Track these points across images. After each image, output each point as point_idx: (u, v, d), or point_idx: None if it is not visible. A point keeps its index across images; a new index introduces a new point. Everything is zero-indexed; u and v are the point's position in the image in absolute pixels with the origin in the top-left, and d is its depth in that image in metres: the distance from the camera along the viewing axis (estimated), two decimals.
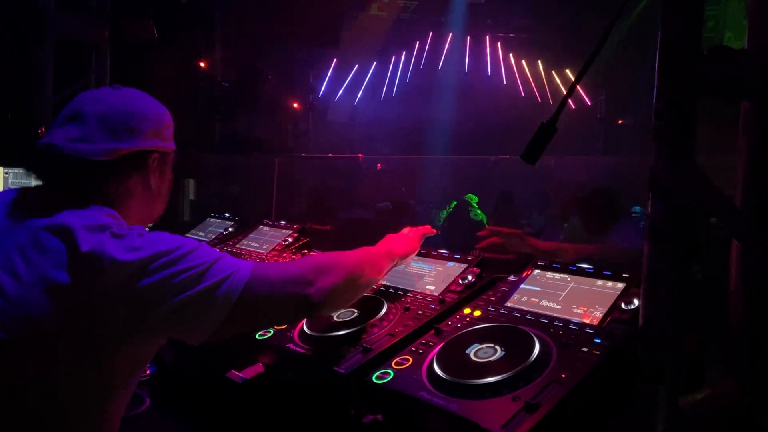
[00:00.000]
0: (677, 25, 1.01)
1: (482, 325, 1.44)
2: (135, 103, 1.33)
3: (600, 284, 1.48)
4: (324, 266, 1.32)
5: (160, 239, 1.15)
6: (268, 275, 1.24)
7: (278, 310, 1.29)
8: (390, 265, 1.61)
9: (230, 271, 1.17)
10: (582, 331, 1.33)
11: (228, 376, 1.55)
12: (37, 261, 1.11)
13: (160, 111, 1.37)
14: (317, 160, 3.58)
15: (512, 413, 1.11)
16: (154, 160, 1.33)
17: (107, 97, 1.30)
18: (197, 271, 1.13)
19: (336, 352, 1.47)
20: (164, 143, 1.36)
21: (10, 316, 1.08)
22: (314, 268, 1.30)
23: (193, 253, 1.15)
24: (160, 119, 1.35)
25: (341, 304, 1.45)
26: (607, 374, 1.22)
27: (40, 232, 1.13)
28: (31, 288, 1.08)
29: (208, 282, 1.14)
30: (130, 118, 1.28)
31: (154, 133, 1.32)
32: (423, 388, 1.25)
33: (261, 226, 2.63)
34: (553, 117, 1.14)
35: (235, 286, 1.16)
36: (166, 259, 1.12)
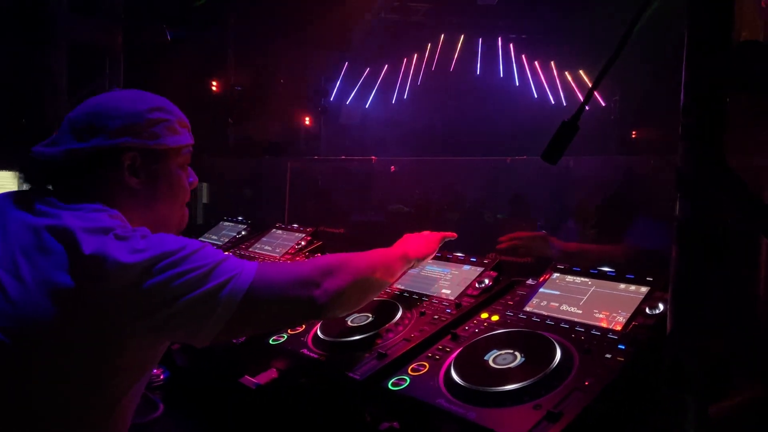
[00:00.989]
0: (705, 17, 0.97)
1: (501, 330, 1.41)
2: (110, 102, 1.28)
3: (623, 288, 1.44)
4: (331, 267, 1.29)
5: (164, 241, 1.13)
6: (273, 276, 1.21)
7: (283, 312, 1.25)
8: (405, 268, 1.57)
9: (234, 273, 1.15)
10: (605, 337, 1.29)
11: (241, 381, 1.53)
12: (40, 263, 1.09)
13: (141, 107, 1.27)
14: (330, 163, 3.57)
15: (534, 422, 1.07)
16: (128, 159, 1.24)
17: (90, 101, 1.30)
18: (201, 272, 1.11)
19: (350, 357, 1.44)
20: (143, 141, 1.25)
21: (14, 320, 1.06)
22: (320, 269, 1.27)
23: (196, 254, 1.13)
24: (139, 116, 1.26)
25: (349, 306, 1.40)
26: (632, 381, 1.19)
27: (44, 234, 1.12)
28: (35, 291, 1.07)
29: (212, 283, 1.12)
30: (94, 117, 1.25)
31: (126, 129, 1.24)
32: (440, 395, 1.22)
33: (274, 229, 2.61)
34: (575, 115, 1.10)
35: (239, 287, 1.14)
36: (170, 260, 1.10)
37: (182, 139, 1.34)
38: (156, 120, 1.28)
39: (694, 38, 0.98)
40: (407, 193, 2.87)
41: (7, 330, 1.06)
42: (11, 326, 1.06)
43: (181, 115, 1.35)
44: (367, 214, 3.27)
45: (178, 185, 1.35)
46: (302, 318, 1.39)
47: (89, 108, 1.27)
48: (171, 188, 1.34)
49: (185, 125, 1.36)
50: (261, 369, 1.57)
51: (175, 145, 1.32)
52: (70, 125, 1.26)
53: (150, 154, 1.28)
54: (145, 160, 1.27)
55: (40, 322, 1.06)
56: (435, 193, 2.82)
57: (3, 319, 1.06)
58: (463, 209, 3.12)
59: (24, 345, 1.06)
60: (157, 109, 1.30)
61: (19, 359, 1.07)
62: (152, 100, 1.31)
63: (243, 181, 3.72)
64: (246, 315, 1.15)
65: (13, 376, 1.07)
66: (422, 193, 2.86)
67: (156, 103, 1.30)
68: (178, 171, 1.35)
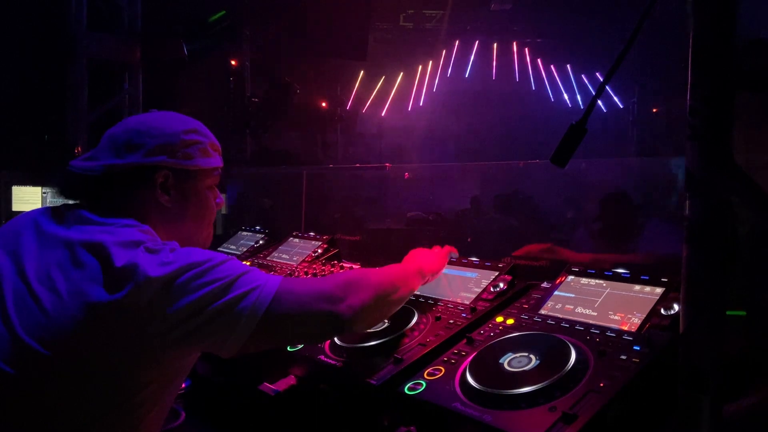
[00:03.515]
0: (710, 17, 0.97)
1: (516, 333, 1.41)
2: (149, 121, 1.33)
3: (637, 289, 1.44)
4: (354, 283, 1.29)
5: (192, 253, 1.17)
6: (297, 291, 1.22)
7: (307, 327, 1.25)
8: (420, 283, 1.59)
9: (257, 285, 1.16)
10: (620, 338, 1.29)
11: (260, 388, 1.55)
12: (74, 276, 1.13)
13: (178, 128, 1.33)
14: (345, 171, 3.59)
15: (549, 424, 1.08)
16: (161, 177, 1.30)
17: (130, 119, 1.38)
18: (224, 282, 1.14)
19: (367, 363, 1.46)
20: (177, 161, 1.31)
21: (49, 331, 1.09)
22: (344, 285, 1.27)
23: (222, 266, 1.16)
24: (176, 136, 1.32)
25: (372, 321, 1.42)
26: (648, 382, 1.18)
27: (77, 249, 1.16)
28: (69, 303, 1.10)
29: (234, 294, 1.14)
30: (134, 134, 1.30)
31: (162, 149, 1.29)
32: (456, 399, 1.23)
33: (291, 238, 2.63)
34: (583, 117, 1.11)
35: (261, 300, 1.15)
36: (196, 270, 1.13)
37: (213, 161, 1.39)
38: (191, 141, 1.34)
39: (698, 38, 0.99)
40: (423, 200, 2.88)
41: (44, 341, 1.09)
42: (47, 337, 1.09)
43: (213, 139, 1.41)
44: (384, 222, 3.28)
45: (206, 205, 1.40)
46: (326, 332, 1.37)
47: (129, 126, 1.33)
48: (200, 207, 1.39)
49: (217, 149, 1.42)
50: (279, 376, 1.58)
51: (207, 166, 1.37)
52: (109, 141, 1.31)
53: (182, 173, 1.33)
54: (178, 179, 1.32)
55: (74, 333, 1.09)
56: (450, 199, 2.82)
57: (39, 330, 1.10)
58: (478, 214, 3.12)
59: (60, 357, 1.09)
60: (193, 131, 1.35)
61: (55, 369, 1.09)
62: (189, 123, 1.36)
63: (260, 191, 3.76)
64: (270, 327, 1.17)
65: (49, 386, 1.10)
66: (438, 199, 2.87)
67: (192, 125, 1.36)
68: (207, 191, 1.40)
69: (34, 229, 1.25)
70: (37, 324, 1.10)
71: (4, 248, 1.23)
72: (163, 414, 1.30)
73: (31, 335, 1.09)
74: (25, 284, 1.15)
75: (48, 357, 1.08)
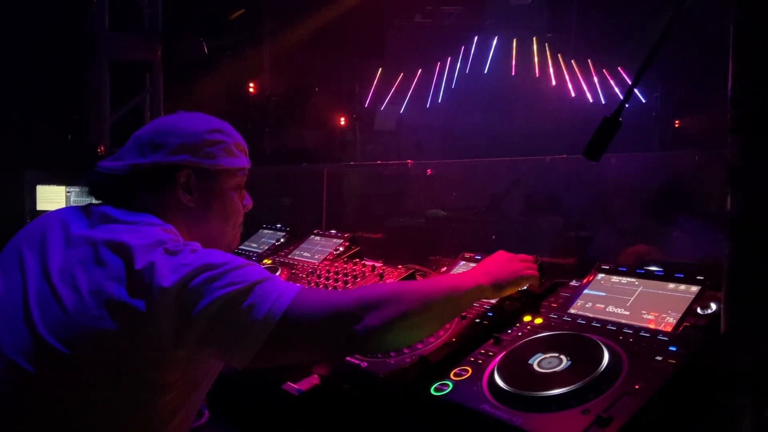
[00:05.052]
0: (752, 4, 0.93)
1: (545, 333, 1.37)
2: (173, 121, 1.34)
3: (671, 288, 1.39)
4: (377, 300, 1.18)
5: (211, 255, 1.15)
6: (311, 304, 1.15)
7: (319, 343, 1.18)
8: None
9: (274, 294, 1.12)
10: (654, 339, 1.24)
11: (284, 388, 1.54)
12: (96, 275, 1.12)
13: (201, 128, 1.32)
14: (366, 168, 3.58)
15: (582, 427, 1.04)
16: (183, 176, 1.29)
17: (156, 120, 1.40)
18: (240, 288, 1.10)
19: (392, 363, 1.43)
20: (199, 160, 1.30)
21: (70, 330, 1.09)
22: (363, 302, 1.17)
23: (239, 270, 1.13)
24: (198, 136, 1.31)
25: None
26: (685, 384, 1.14)
27: (101, 248, 1.15)
28: (89, 301, 1.10)
29: (249, 301, 1.10)
30: (157, 134, 1.31)
31: (185, 148, 1.29)
32: (485, 400, 1.19)
33: (312, 235, 2.62)
34: (617, 110, 1.07)
35: (276, 310, 1.11)
36: (211, 273, 1.10)
37: (238, 161, 1.37)
38: (214, 141, 1.33)
39: (739, 24, 0.95)
40: (445, 197, 2.85)
41: (64, 339, 1.09)
42: (67, 336, 1.09)
43: (239, 139, 1.39)
44: (404, 219, 3.26)
45: (230, 206, 1.38)
46: (340, 352, 1.30)
47: (154, 126, 1.35)
48: (224, 208, 1.37)
49: (242, 149, 1.40)
50: (303, 375, 1.57)
51: (231, 166, 1.35)
52: (135, 141, 1.32)
53: (205, 173, 1.32)
54: (200, 179, 1.31)
55: (93, 332, 1.08)
56: (473, 196, 2.79)
57: (59, 329, 1.09)
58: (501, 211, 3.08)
59: (79, 354, 1.08)
60: (217, 131, 1.34)
61: (73, 368, 1.09)
62: (212, 123, 1.35)
63: (281, 189, 3.76)
64: (282, 339, 1.12)
65: (67, 385, 1.10)
66: (460, 197, 2.83)
67: (215, 125, 1.35)
68: (232, 192, 1.38)
69: (61, 227, 1.24)
70: (58, 322, 1.10)
71: (30, 247, 1.24)
72: (188, 423, 1.28)
73: (51, 333, 1.09)
74: (48, 283, 1.14)
75: (67, 356, 1.08)
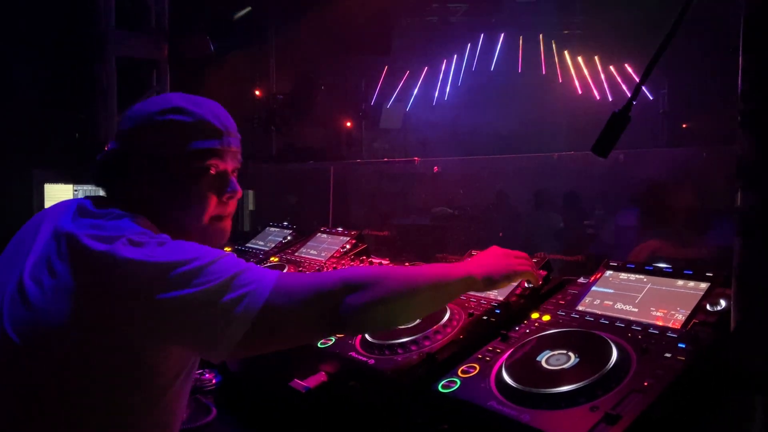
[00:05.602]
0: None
1: (553, 330, 1.37)
2: (138, 104, 1.27)
3: (680, 284, 1.38)
4: (361, 281, 1.15)
5: (181, 249, 1.10)
6: (292, 289, 1.12)
7: (302, 327, 1.15)
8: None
9: (251, 285, 1.08)
10: (663, 336, 1.24)
11: (291, 385, 1.53)
12: (58, 268, 1.11)
13: (152, 110, 1.22)
14: (373, 166, 3.58)
15: (591, 425, 1.03)
16: (134, 163, 1.22)
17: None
18: (215, 284, 1.06)
19: (399, 360, 1.43)
20: (156, 149, 1.21)
21: (31, 324, 1.08)
22: (346, 282, 1.14)
23: (213, 265, 1.08)
24: (147, 119, 1.22)
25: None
26: (694, 382, 1.13)
27: (63, 241, 1.13)
28: (51, 295, 1.08)
29: (227, 296, 1.06)
30: (121, 120, 1.27)
31: (134, 132, 1.22)
32: (492, 397, 1.19)
33: (318, 233, 2.62)
34: (626, 106, 1.06)
35: (255, 300, 1.07)
36: (183, 269, 1.06)
37: (201, 143, 1.22)
38: (164, 123, 1.21)
39: (750, 18, 0.94)
40: (452, 195, 2.85)
41: (23, 333, 1.08)
42: (26, 330, 1.08)
43: (207, 117, 1.24)
44: (411, 217, 3.26)
45: (196, 193, 1.24)
46: (322, 334, 1.27)
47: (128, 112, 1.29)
48: (186, 197, 1.24)
49: (211, 129, 1.24)
50: (310, 372, 1.57)
51: (190, 149, 1.21)
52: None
53: (155, 159, 1.21)
54: (153, 166, 1.22)
55: (54, 325, 1.06)
56: (480, 194, 2.78)
57: (21, 324, 1.09)
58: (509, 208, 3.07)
59: (37, 347, 1.07)
60: (171, 111, 1.21)
61: (33, 362, 1.07)
62: (170, 102, 1.23)
63: (287, 187, 3.77)
64: (263, 329, 1.09)
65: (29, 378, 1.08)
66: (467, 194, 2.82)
67: (173, 104, 1.22)
68: (197, 179, 1.24)
69: (53, 220, 1.22)
70: (21, 317, 1.09)
71: (25, 240, 1.23)
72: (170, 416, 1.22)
73: (14, 328, 1.08)
74: (21, 277, 1.14)
75: (24, 348, 1.07)
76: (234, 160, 1.30)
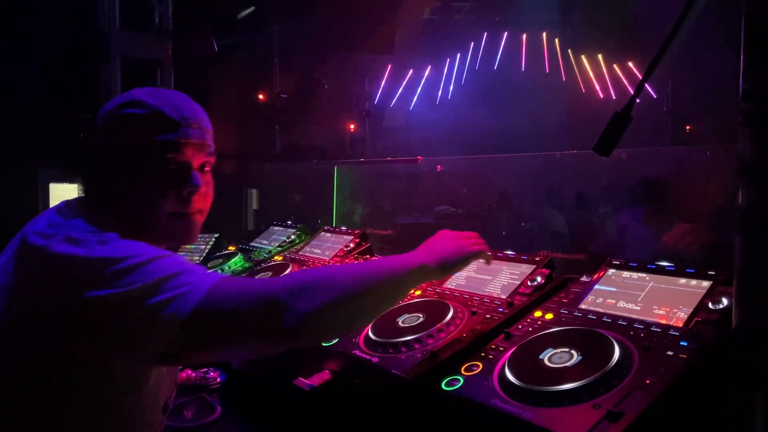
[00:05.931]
0: None
1: (556, 328, 1.38)
2: (108, 103, 1.24)
3: (683, 283, 1.39)
4: (307, 284, 1.07)
5: (121, 247, 1.06)
6: (230, 295, 1.04)
7: (241, 336, 1.06)
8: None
9: (184, 288, 1.02)
10: (666, 334, 1.24)
11: (295, 383, 1.54)
12: (8, 268, 1.11)
13: (112, 105, 1.21)
14: (376, 165, 3.58)
15: (593, 422, 1.04)
16: (101, 161, 1.20)
17: None
18: (144, 284, 1.01)
19: (403, 358, 1.44)
20: (114, 144, 1.19)
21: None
22: (292, 288, 1.06)
23: (149, 264, 1.04)
24: (107, 115, 1.20)
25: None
26: (696, 379, 1.14)
27: (18, 238, 1.14)
28: (2, 297, 1.08)
29: (156, 298, 1.00)
30: (96, 119, 1.25)
31: (98, 130, 1.20)
32: (495, 395, 1.20)
33: (322, 232, 2.63)
34: (628, 105, 1.07)
35: (184, 305, 1.00)
36: (117, 267, 1.02)
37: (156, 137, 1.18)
38: (121, 117, 1.19)
39: (751, 18, 0.94)
40: (455, 193, 2.85)
41: None
42: None
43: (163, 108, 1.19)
44: (415, 216, 3.26)
45: (153, 188, 1.19)
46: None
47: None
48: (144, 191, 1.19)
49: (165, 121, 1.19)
50: (314, 371, 1.58)
51: (142, 143, 1.18)
52: None
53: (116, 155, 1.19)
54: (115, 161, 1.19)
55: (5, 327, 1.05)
56: (483, 192, 2.79)
57: None
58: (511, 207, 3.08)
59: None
60: (128, 104, 1.20)
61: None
62: (129, 96, 1.21)
63: (291, 187, 3.78)
64: (195, 336, 1.02)
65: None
66: (470, 193, 2.83)
67: (131, 97, 1.20)
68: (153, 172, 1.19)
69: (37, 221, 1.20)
70: None
71: None
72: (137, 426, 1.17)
73: None
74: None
75: None
76: (200, 154, 1.23)
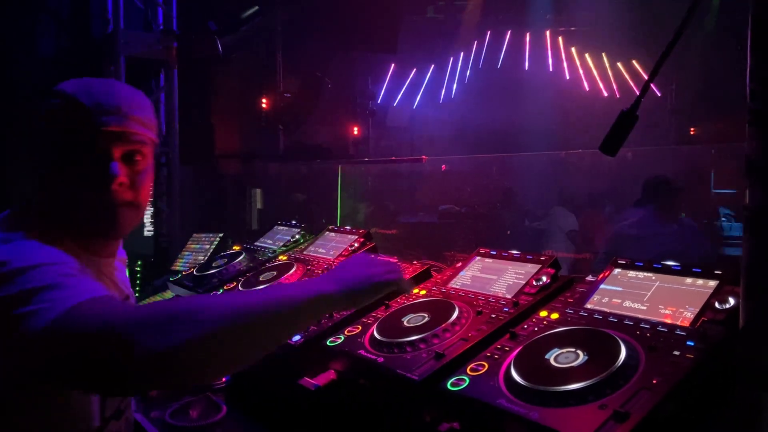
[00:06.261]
0: None
1: (561, 328, 1.37)
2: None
3: (689, 282, 1.38)
4: (166, 317, 0.89)
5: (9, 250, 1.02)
6: (85, 318, 0.90)
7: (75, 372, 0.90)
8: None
9: (48, 303, 0.91)
10: (672, 333, 1.24)
11: (301, 383, 1.55)
12: None
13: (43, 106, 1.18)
14: (380, 165, 3.58)
15: (600, 422, 1.04)
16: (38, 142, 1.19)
17: None
18: (16, 292, 0.94)
19: (408, 358, 1.44)
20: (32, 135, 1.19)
21: None
22: (146, 320, 0.88)
23: (28, 273, 0.96)
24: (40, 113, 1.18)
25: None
26: (703, 379, 1.13)
27: None
28: None
29: (23, 309, 0.91)
30: None
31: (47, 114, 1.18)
32: (501, 395, 1.20)
33: (327, 232, 2.63)
34: (634, 104, 1.06)
35: (41, 321, 0.89)
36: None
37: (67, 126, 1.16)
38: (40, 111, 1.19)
39: (758, 19, 0.94)
40: (459, 192, 2.85)
41: None
42: None
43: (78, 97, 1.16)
44: (419, 215, 3.26)
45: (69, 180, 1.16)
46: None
47: None
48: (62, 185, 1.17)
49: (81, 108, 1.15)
50: (320, 371, 1.58)
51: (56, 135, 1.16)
52: None
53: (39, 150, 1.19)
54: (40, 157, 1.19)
55: None
56: (487, 192, 2.78)
57: None
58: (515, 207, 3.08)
59: None
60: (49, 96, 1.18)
61: None
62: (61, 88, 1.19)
63: (295, 186, 3.78)
64: (41, 359, 0.91)
65: None
66: (474, 192, 2.83)
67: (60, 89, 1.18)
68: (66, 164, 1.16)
69: None
70: None
71: None
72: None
73: None
74: None
75: None
76: (120, 142, 1.17)
